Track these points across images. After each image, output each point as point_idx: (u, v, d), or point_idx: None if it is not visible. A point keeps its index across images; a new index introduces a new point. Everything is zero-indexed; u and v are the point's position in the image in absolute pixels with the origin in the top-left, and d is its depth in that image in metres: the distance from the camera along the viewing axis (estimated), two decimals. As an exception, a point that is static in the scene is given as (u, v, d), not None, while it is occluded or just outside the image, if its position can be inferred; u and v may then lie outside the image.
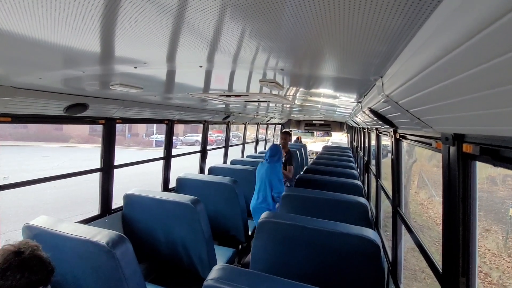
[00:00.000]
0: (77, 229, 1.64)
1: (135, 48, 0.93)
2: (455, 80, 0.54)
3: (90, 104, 2.10)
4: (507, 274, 6.29)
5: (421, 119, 0.91)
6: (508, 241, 7.14)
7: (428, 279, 5.82)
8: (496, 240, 7.19)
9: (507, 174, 9.29)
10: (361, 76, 1.04)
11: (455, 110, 0.67)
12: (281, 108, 4.22)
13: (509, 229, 7.28)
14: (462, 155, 0.83)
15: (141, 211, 2.54)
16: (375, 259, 1.61)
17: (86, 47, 0.90)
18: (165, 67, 1.21)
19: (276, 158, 3.37)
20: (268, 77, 1.39)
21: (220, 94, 2.22)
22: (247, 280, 1.18)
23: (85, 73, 1.34)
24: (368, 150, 4.66)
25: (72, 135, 20.91)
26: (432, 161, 12.46)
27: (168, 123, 3.45)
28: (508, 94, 0.46)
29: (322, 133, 11.08)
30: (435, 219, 9.15)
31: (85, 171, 2.52)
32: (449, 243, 0.93)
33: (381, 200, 3.18)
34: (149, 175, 10.58)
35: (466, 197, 0.85)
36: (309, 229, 1.75)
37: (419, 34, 0.59)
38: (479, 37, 0.39)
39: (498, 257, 6.78)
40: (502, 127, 0.56)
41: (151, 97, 2.34)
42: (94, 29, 0.73)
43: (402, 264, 1.94)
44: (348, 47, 0.76)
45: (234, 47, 0.87)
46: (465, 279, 0.86)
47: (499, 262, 6.62)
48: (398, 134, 1.80)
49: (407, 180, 10.77)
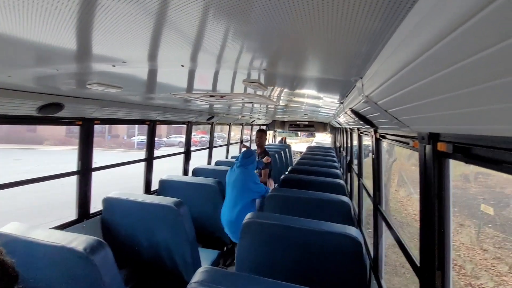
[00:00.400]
0: (51, 235, 1.56)
1: (113, 46, 0.90)
2: (429, 81, 0.56)
3: (65, 104, 2.00)
4: (480, 266, 6.67)
5: (399, 119, 0.94)
6: (480, 234, 7.57)
7: (407, 274, 6.05)
8: (470, 234, 7.61)
9: (479, 171, 9.86)
10: (342, 77, 1.06)
11: (430, 110, 0.70)
12: (266, 109, 4.24)
13: (481, 224, 7.73)
14: (437, 153, 0.86)
15: (121, 215, 2.45)
16: (358, 256, 1.65)
17: (60, 43, 0.86)
18: (145, 66, 1.18)
19: (249, 160, 2.99)
20: (252, 78, 1.39)
21: (204, 94, 2.19)
22: (231, 282, 1.17)
23: (59, 71, 1.28)
24: (351, 150, 4.78)
25: (47, 136, 19.88)
26: (411, 160, 12.99)
27: (150, 124, 3.36)
28: (477, 94, 0.48)
29: (306, 133, 11.25)
30: (414, 216, 9.54)
31: (61, 174, 2.39)
32: (426, 238, 0.97)
33: (363, 199, 3.27)
34: (131, 178, 10.27)
35: (441, 193, 0.89)
36: (294, 229, 1.77)
37: (395, 36, 0.61)
38: (449, 39, 0.41)
39: (472, 250, 7.18)
40: (472, 126, 0.59)
41: (131, 97, 2.27)
42: (68, 26, 0.69)
43: (383, 260, 2.00)
44: (330, 48, 0.77)
45: (216, 47, 0.86)
46: (440, 272, 0.90)
47: (472, 255, 7.01)
48: (378, 134, 1.85)
49: (388, 179, 11.16)
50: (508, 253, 6.81)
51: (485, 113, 0.51)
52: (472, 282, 6.14)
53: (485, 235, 7.56)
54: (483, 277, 6.32)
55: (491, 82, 0.42)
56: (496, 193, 8.97)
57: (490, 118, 0.52)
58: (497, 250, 6.97)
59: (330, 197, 2.46)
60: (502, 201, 8.45)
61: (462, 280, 6.26)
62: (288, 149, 8.04)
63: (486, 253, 7.05)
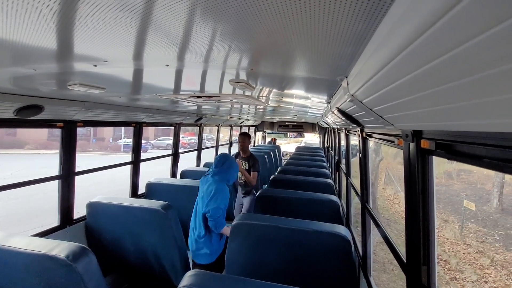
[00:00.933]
0: (31, 243, 1.49)
1: (94, 45, 0.86)
2: (410, 77, 0.58)
3: (45, 106, 1.93)
4: (463, 260, 6.90)
5: (383, 117, 0.96)
6: (463, 230, 7.85)
7: (395, 270, 6.18)
8: (454, 229, 7.87)
9: (461, 169, 10.23)
10: (328, 76, 1.07)
11: (412, 107, 0.71)
12: (255, 109, 4.23)
13: (464, 219, 8.02)
14: (421, 150, 0.88)
15: (106, 220, 2.38)
16: (347, 254, 1.66)
17: (37, 42, 0.82)
18: (128, 65, 1.15)
19: (224, 168, 2.35)
20: (239, 78, 1.38)
21: (191, 95, 2.16)
22: (221, 284, 1.15)
23: (37, 72, 1.23)
24: (339, 150, 4.84)
25: (28, 140, 19.11)
26: (397, 159, 13.33)
27: (136, 126, 3.29)
28: (456, 89, 0.49)
29: (295, 134, 11.33)
30: (401, 213, 9.78)
31: (42, 179, 2.30)
32: (412, 234, 0.99)
33: (352, 197, 3.32)
34: (116, 182, 10.03)
35: (425, 190, 0.91)
36: (283, 229, 1.77)
37: (376, 35, 0.62)
38: (427, 35, 0.42)
39: (456, 245, 7.42)
40: (454, 122, 0.61)
41: (116, 98, 2.21)
42: (47, 24, 0.66)
43: (371, 257, 2.03)
44: (315, 48, 0.77)
45: (201, 46, 0.85)
46: (426, 268, 0.91)
47: (456, 249, 7.25)
48: (364, 133, 1.88)
49: (375, 177, 11.40)
50: (490, 247, 7.09)
51: (465, 108, 0.53)
52: (457, 276, 6.35)
53: (468, 230, 7.85)
54: (467, 270, 6.55)
55: (470, 77, 0.43)
56: (478, 189, 9.33)
57: (470, 114, 0.53)
58: (480, 244, 7.25)
59: (319, 197, 2.48)
60: (483, 197, 8.80)
61: (448, 274, 6.45)
62: (277, 150, 8.07)
63: (469, 247, 7.32)
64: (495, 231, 7.53)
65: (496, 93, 0.42)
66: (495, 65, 0.37)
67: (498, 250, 6.93)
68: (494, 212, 8.16)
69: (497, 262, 6.59)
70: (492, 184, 8.71)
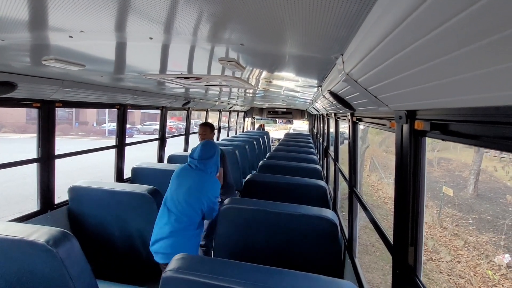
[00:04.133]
0: (8, 228, 1.41)
1: (68, 12, 0.78)
2: (407, 52, 0.56)
3: (19, 83, 1.78)
4: (439, 242, 7.32)
5: (378, 97, 0.94)
6: (441, 214, 8.28)
7: (377, 252, 6.49)
8: (432, 214, 8.28)
9: (441, 157, 10.66)
10: (323, 55, 1.03)
11: (408, 85, 0.69)
12: (244, 94, 4.15)
13: (442, 204, 8.45)
14: (414, 132, 0.88)
15: (90, 205, 2.31)
16: (333, 237, 1.70)
17: (1, 5, 0.72)
18: (108, 38, 1.05)
19: (212, 161, 2.11)
20: (229, 56, 1.31)
21: (178, 76, 2.06)
22: (208, 267, 1.14)
23: (5, 42, 1.11)
24: (327, 136, 4.88)
25: (4, 123, 18.15)
26: (382, 147, 13.72)
27: (120, 108, 3.15)
28: (452, 63, 0.48)
29: (284, 121, 11.33)
30: (384, 199, 10.17)
31: (18, 161, 2.17)
32: (400, 215, 1.00)
33: (339, 183, 3.37)
34: (103, 167, 9.78)
35: (416, 171, 0.91)
36: (271, 213, 1.77)
37: (375, 7, 0.58)
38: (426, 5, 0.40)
39: (433, 228, 7.84)
40: (450, 98, 0.59)
41: (97, 78, 2.08)
42: None
43: (357, 240, 2.09)
44: (311, 22, 0.73)
45: (189, 16, 0.78)
46: (413, 248, 0.93)
47: (433, 232, 7.67)
48: (355, 117, 1.88)
49: (361, 164, 11.71)
50: (464, 230, 7.54)
51: (461, 82, 0.51)
52: (433, 257, 6.75)
53: (445, 214, 8.29)
54: (442, 252, 6.97)
55: (464, 49, 0.43)
56: (455, 176, 9.81)
57: (466, 88, 0.52)
58: (455, 228, 7.69)
59: (307, 182, 2.49)
60: (460, 183, 9.27)
61: (424, 255, 6.84)
62: (266, 136, 8.07)
63: (445, 230, 7.76)
64: (469, 215, 7.99)
65: (491, 63, 0.41)
66: (490, 34, 0.36)
67: (472, 232, 7.39)
68: (470, 198, 8.63)
69: (470, 244, 7.04)
70: (469, 172, 9.16)
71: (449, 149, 10.62)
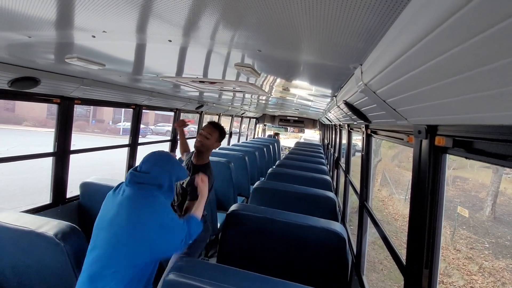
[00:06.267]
0: (20, 218, 1.45)
1: (92, 12, 0.80)
2: (431, 65, 0.54)
3: (42, 79, 1.85)
4: (452, 265, 6.99)
5: (397, 110, 0.91)
6: (454, 235, 7.93)
7: (384, 270, 6.25)
8: (445, 234, 7.95)
9: (457, 176, 10.27)
10: (340, 63, 1.02)
11: (429, 99, 0.67)
12: (257, 100, 4.16)
13: (456, 225, 8.09)
14: (434, 148, 0.84)
15: (100, 201, 2.32)
16: (341, 251, 1.64)
17: (31, 4, 0.75)
18: (129, 39, 1.08)
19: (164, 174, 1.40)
20: (245, 62, 1.31)
21: (193, 79, 2.09)
22: (212, 273, 1.12)
23: (32, 39, 1.16)
24: (339, 147, 4.80)
25: (26, 117, 18.93)
26: (395, 161, 13.38)
27: (136, 108, 3.22)
28: (478, 79, 0.46)
29: (296, 130, 11.27)
30: (394, 215, 9.86)
31: (35, 154, 2.24)
32: (415, 235, 0.95)
33: (349, 196, 3.29)
34: (117, 165, 9.99)
35: (435, 190, 0.87)
36: (279, 222, 1.74)
37: (400, 18, 0.57)
38: (455, 18, 0.38)
39: (446, 250, 7.50)
40: (473, 115, 0.56)
41: (116, 78, 2.14)
42: None
43: (365, 257, 2.01)
44: (330, 31, 0.71)
45: (209, 19, 0.79)
46: (428, 271, 0.88)
47: (446, 254, 7.33)
48: (369, 129, 1.84)
49: (372, 178, 11.45)
50: (479, 254, 7.17)
51: (489, 99, 0.49)
52: (445, 280, 6.43)
53: (459, 236, 7.93)
54: (454, 275, 6.64)
55: (492, 64, 0.41)
56: (471, 197, 9.41)
57: (494, 104, 0.49)
58: (469, 251, 7.33)
59: (316, 192, 2.45)
60: (476, 204, 8.88)
61: (436, 277, 6.52)
62: (277, 144, 8.05)
63: (458, 253, 7.40)
64: (485, 239, 7.61)
65: None
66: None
67: (487, 257, 7.02)
68: (486, 220, 8.24)
69: (485, 269, 6.67)
70: (486, 193, 8.77)
71: (466, 168, 10.24)
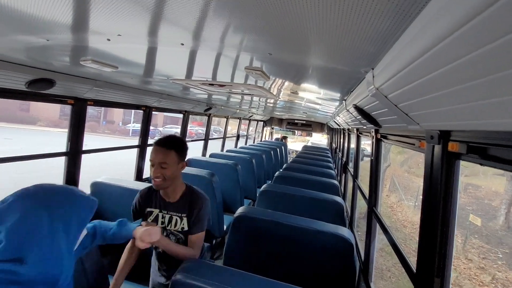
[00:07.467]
0: None
1: (108, 16, 0.82)
2: (443, 71, 0.53)
3: (57, 81, 1.91)
4: (463, 274, 6.77)
5: (408, 115, 0.89)
6: (466, 244, 7.69)
7: (393, 278, 6.11)
8: (456, 243, 7.72)
9: (469, 183, 10.00)
10: (351, 67, 1.01)
11: (443, 104, 0.65)
12: (265, 103, 4.17)
13: (468, 234, 7.86)
14: (447, 154, 0.82)
15: (109, 201, 2.38)
16: (348, 257, 1.62)
17: (50, 9, 0.78)
18: (142, 42, 1.10)
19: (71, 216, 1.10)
20: (254, 65, 1.32)
21: (203, 82, 2.11)
22: (218, 276, 1.12)
23: (50, 42, 1.20)
24: (347, 152, 4.75)
25: (40, 117, 19.47)
26: (404, 167, 13.13)
27: (146, 109, 3.28)
28: (494, 84, 0.45)
29: (303, 134, 11.22)
30: (403, 222, 9.65)
31: (48, 154, 2.30)
32: (426, 242, 0.93)
33: (357, 201, 3.24)
34: (127, 165, 10.14)
35: (448, 197, 0.85)
36: (285, 226, 1.73)
37: (415, 23, 0.56)
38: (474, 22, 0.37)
39: (457, 259, 7.28)
40: (489, 120, 0.55)
41: (128, 80, 2.19)
42: None
43: (374, 263, 1.98)
44: (343, 31, 0.71)
45: (221, 23, 0.80)
46: (439, 280, 0.86)
47: (457, 263, 7.11)
48: (379, 134, 1.81)
49: (380, 183, 11.27)
50: (492, 264, 6.93)
51: (506, 105, 0.47)
52: (455, 290, 6.23)
53: (471, 245, 7.69)
54: (465, 286, 6.42)
55: (510, 70, 0.40)
56: (484, 205, 9.13)
57: (510, 111, 0.48)
58: (481, 261, 7.09)
59: (323, 196, 2.42)
60: (489, 212, 8.61)
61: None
62: (284, 147, 8.02)
63: (470, 262, 7.17)
64: (498, 249, 7.36)
65: None
66: None
67: (501, 268, 6.78)
68: (500, 229, 7.97)
69: (499, 280, 6.44)
70: (500, 201, 8.50)
71: (478, 175, 9.96)
